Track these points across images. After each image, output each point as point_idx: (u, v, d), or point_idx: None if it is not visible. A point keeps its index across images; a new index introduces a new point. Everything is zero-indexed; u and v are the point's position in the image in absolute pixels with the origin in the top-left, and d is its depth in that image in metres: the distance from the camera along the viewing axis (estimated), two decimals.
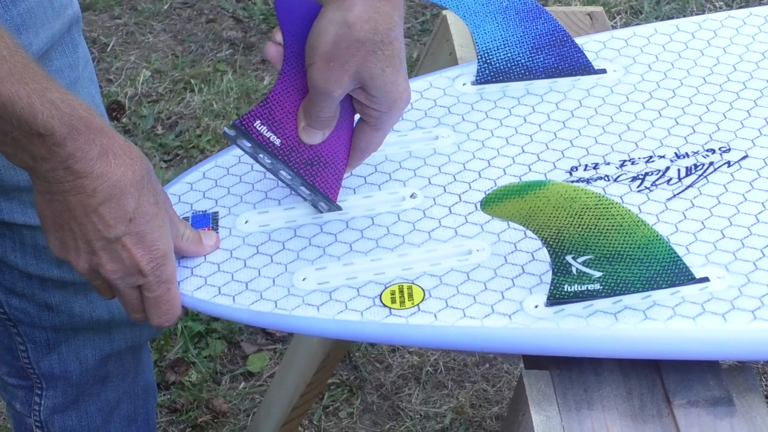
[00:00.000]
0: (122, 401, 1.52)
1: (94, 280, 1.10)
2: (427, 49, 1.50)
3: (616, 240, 1.00)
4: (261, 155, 1.14)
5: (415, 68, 1.64)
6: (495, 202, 0.99)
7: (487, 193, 1.02)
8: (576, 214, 0.99)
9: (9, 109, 0.98)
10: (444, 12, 1.46)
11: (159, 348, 2.15)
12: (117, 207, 1.04)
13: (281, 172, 1.14)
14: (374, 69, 1.07)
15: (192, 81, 2.72)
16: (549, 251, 1.01)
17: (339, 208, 1.15)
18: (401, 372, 2.13)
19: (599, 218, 0.99)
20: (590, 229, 0.99)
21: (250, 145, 1.13)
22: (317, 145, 1.13)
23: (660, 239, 1.01)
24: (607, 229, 0.99)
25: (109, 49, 2.84)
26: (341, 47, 1.06)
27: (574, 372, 1.04)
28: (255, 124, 1.13)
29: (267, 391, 1.98)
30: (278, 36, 1.12)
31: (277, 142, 1.13)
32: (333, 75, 1.07)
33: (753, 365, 2.11)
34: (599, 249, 1.00)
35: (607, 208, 0.98)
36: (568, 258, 1.01)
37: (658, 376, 1.04)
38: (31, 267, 1.36)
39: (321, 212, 1.15)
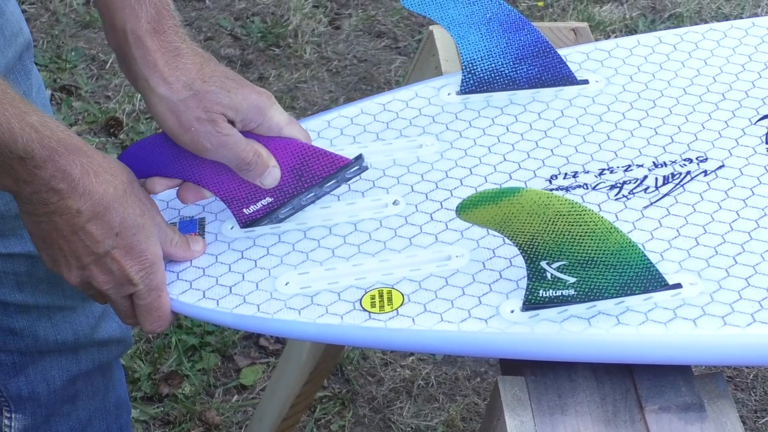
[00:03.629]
0: (94, 419, 1.52)
1: (87, 291, 1.11)
2: (414, 64, 1.52)
3: (589, 246, 1.01)
4: (280, 214, 1.17)
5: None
6: (470, 208, 1.00)
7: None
8: (550, 221, 1.00)
9: None
10: (431, 27, 1.48)
11: (153, 361, 2.17)
12: (103, 223, 1.06)
13: (302, 202, 1.17)
14: (222, 100, 1.10)
15: None
16: (524, 257, 1.03)
17: (361, 162, 1.17)
18: (393, 385, 2.14)
19: (572, 225, 1.00)
20: (564, 235, 1.01)
21: (265, 222, 1.17)
22: (285, 163, 1.16)
23: (633, 246, 1.02)
24: (581, 236, 1.01)
25: (107, 66, 2.86)
26: (182, 113, 1.10)
27: (548, 378, 1.06)
28: (246, 212, 1.17)
29: (259, 402, 1.99)
30: (150, 184, 1.16)
31: (270, 199, 1.17)
32: (203, 133, 1.10)
33: (749, 371, 2.12)
34: (573, 255, 1.02)
35: (580, 214, 1.00)
36: (543, 264, 1.03)
37: (632, 383, 1.05)
38: None
39: (354, 178, 1.18)
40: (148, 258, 1.09)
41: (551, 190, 1.16)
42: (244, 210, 1.17)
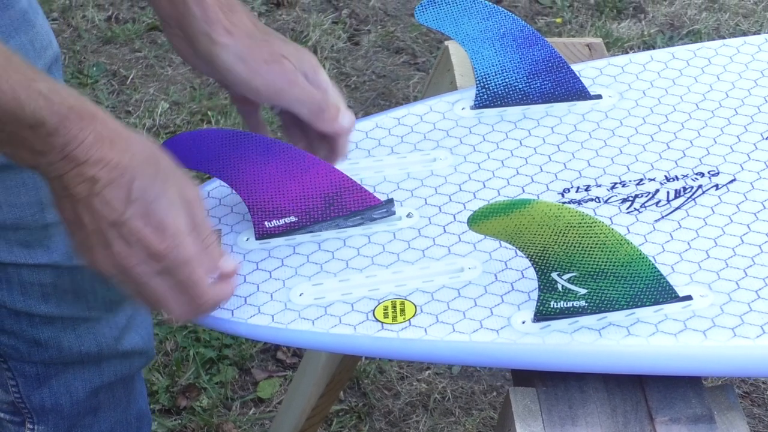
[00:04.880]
0: (115, 431, 1.53)
1: (121, 278, 1.07)
2: (430, 79, 1.54)
3: (599, 258, 1.02)
4: (297, 234, 1.18)
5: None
6: (481, 220, 1.02)
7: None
8: (560, 232, 1.01)
9: None
10: (446, 42, 1.49)
11: (171, 373, 2.18)
12: (118, 189, 1.03)
13: (321, 229, 1.18)
14: (283, 48, 1.13)
15: (209, 113, 2.77)
16: (535, 268, 1.04)
17: (390, 207, 1.18)
18: (409, 399, 2.15)
19: (583, 236, 1.01)
20: (574, 246, 1.02)
21: (283, 239, 1.18)
22: (320, 189, 1.17)
23: (643, 257, 1.03)
24: (591, 247, 1.02)
25: (128, 82, 2.89)
26: (249, 59, 1.13)
27: (559, 389, 1.06)
28: (267, 225, 1.18)
29: (275, 415, 2.00)
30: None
31: (294, 219, 1.18)
32: (273, 73, 1.13)
33: (765, 386, 2.12)
34: (584, 266, 1.03)
35: (591, 226, 1.01)
36: (554, 275, 1.03)
37: (642, 394, 1.06)
38: (18, 304, 1.37)
39: (379, 219, 1.19)
40: (169, 227, 1.04)
41: (563, 203, 1.17)
42: (266, 223, 1.18)
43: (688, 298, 1.06)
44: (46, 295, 1.38)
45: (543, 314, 1.05)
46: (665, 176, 1.19)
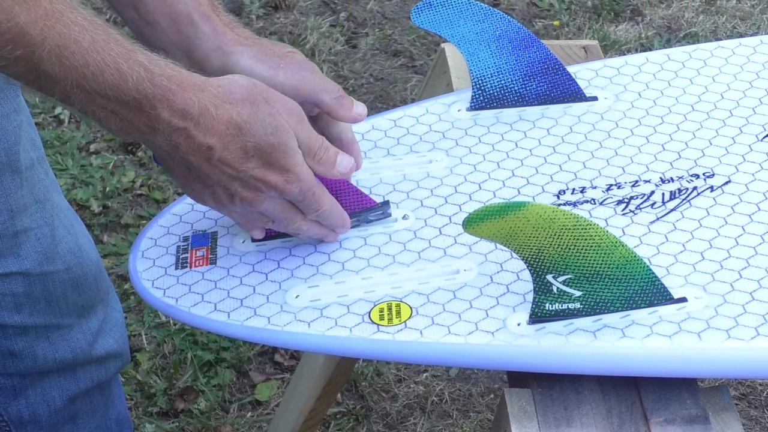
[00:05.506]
0: None
1: (245, 216, 1.13)
2: (426, 81, 1.54)
3: (594, 260, 1.02)
4: (293, 238, 1.18)
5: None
6: (476, 222, 1.02)
7: None
8: (555, 235, 1.01)
9: (99, 78, 0.98)
10: (443, 45, 1.49)
11: (169, 376, 2.18)
12: (235, 151, 1.05)
13: None
14: (288, 47, 1.15)
15: None
16: (530, 270, 1.04)
17: (386, 209, 1.19)
18: (407, 402, 2.15)
19: (578, 239, 1.01)
20: (569, 249, 1.02)
21: (279, 241, 1.18)
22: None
23: (638, 260, 1.03)
24: (586, 250, 1.02)
25: None
26: (267, 57, 1.14)
27: (555, 390, 1.07)
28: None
29: (272, 418, 2.01)
30: None
31: None
32: (295, 63, 1.15)
33: (762, 388, 2.12)
34: (579, 269, 1.03)
35: (585, 228, 1.01)
36: (549, 277, 1.04)
37: (637, 395, 1.06)
38: None
39: (375, 221, 1.19)
40: (289, 165, 1.08)
41: (559, 205, 1.17)
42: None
43: (683, 299, 1.06)
44: (19, 305, 1.37)
45: (538, 316, 1.06)
46: (660, 178, 1.19)
